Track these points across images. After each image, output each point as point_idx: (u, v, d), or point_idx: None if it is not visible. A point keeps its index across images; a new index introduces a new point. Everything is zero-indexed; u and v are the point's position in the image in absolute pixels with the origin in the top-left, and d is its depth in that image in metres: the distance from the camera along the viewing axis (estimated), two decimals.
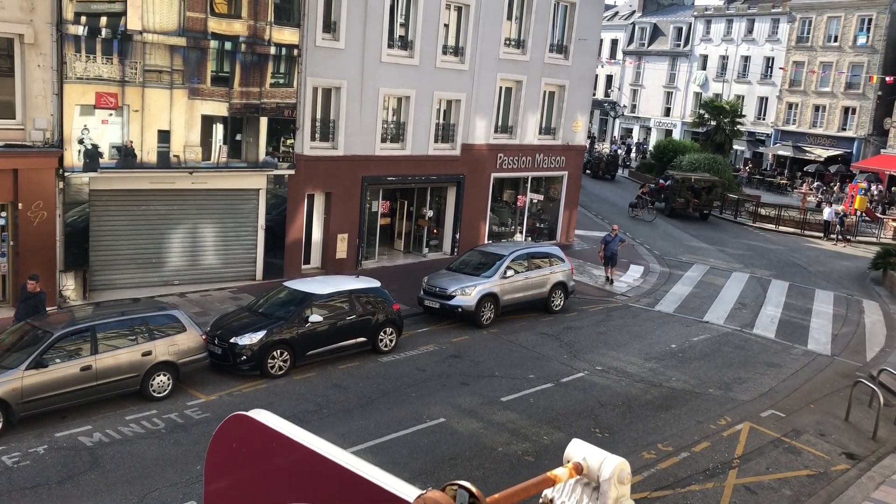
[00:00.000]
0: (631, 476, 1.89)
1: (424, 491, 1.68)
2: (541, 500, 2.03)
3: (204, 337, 15.62)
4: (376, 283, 18.50)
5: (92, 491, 11.53)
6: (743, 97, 59.47)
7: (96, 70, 18.45)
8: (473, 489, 1.75)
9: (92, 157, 18.78)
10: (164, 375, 14.72)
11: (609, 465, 1.95)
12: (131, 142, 19.16)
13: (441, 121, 26.28)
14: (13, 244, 18.19)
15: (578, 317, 22.08)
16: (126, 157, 19.22)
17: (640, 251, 31.24)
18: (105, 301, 17.66)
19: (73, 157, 18.53)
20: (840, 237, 36.66)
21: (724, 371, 18.56)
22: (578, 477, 2.00)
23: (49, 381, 13.27)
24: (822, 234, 37.24)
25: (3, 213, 18.11)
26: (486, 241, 27.49)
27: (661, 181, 41.10)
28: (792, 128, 57.03)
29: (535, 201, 30.62)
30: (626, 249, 28.48)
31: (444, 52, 25.55)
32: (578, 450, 2.01)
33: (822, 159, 54.29)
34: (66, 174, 18.59)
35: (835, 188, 50.59)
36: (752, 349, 20.40)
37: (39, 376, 13.16)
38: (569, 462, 1.98)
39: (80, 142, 18.56)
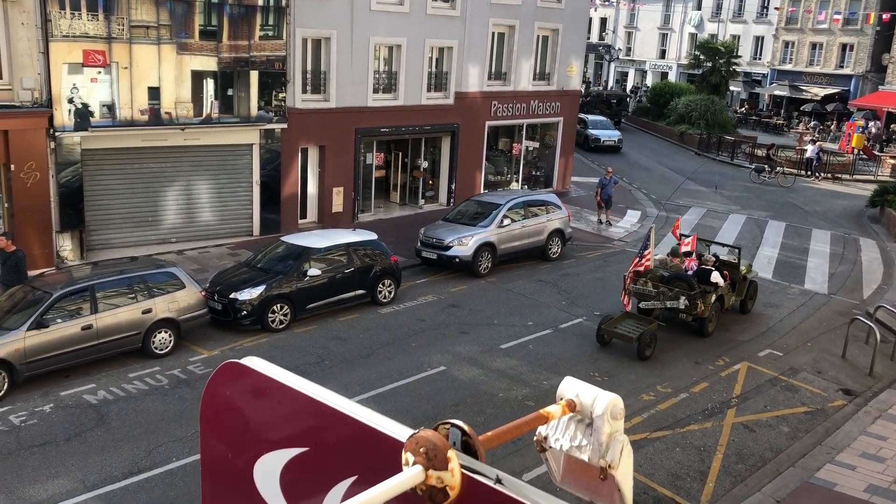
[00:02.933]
0: (624, 412, 1.91)
1: (417, 431, 1.69)
2: (535, 438, 2.04)
3: (203, 293, 15.68)
4: (373, 236, 18.50)
5: (99, 447, 11.69)
6: (739, 37, 58.70)
7: (82, 27, 18.14)
8: (466, 427, 1.76)
9: (83, 117, 18.59)
10: (166, 332, 14.81)
11: (602, 401, 1.96)
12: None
13: (433, 69, 25.96)
14: (7, 206, 18.12)
15: (576, 263, 22.13)
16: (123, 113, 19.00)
17: (637, 196, 31.18)
18: (103, 260, 17.67)
19: (64, 116, 18.34)
20: (817, 173, 36.87)
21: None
22: (571, 414, 2.01)
23: (51, 340, 13.34)
24: (802, 173, 37.30)
25: None
26: (481, 191, 27.39)
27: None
28: (788, 67, 56.43)
29: (530, 149, 30.45)
30: (622, 194, 28.46)
31: None
32: (571, 387, 2.02)
33: (819, 98, 53.86)
34: (56, 134, 18.42)
35: (832, 127, 50.30)
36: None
37: (41, 336, 13.23)
38: (561, 399, 1.99)
39: (70, 101, 18.35)
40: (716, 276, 16.85)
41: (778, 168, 36.49)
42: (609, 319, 16.14)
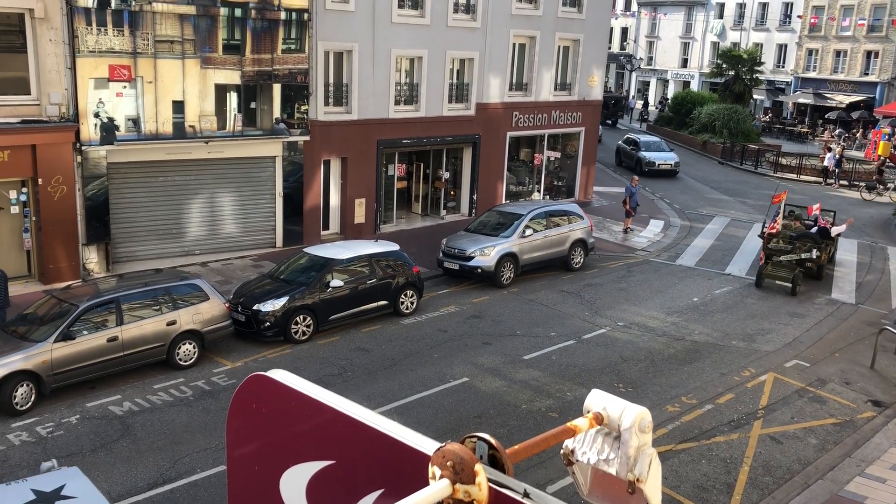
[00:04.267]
0: (652, 425, 1.88)
1: (444, 444, 1.68)
2: (561, 451, 2.02)
3: (227, 305, 15.78)
4: (395, 247, 18.54)
5: (125, 458, 11.77)
6: (761, 45, 58.25)
7: (108, 42, 18.41)
8: (493, 440, 1.75)
9: (108, 130, 18.84)
10: (190, 344, 14.91)
11: (630, 414, 1.94)
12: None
13: (454, 81, 26.04)
14: (35, 219, 18.38)
15: (599, 273, 22.02)
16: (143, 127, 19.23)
17: (661, 206, 31.00)
18: (128, 273, 17.86)
19: (90, 130, 18.60)
20: (836, 180, 36.44)
21: (748, 322, 18.49)
22: (599, 427, 1.99)
23: (77, 352, 13.48)
24: (821, 180, 36.96)
25: (25, 189, 18.27)
26: (503, 201, 27.37)
27: None
28: (812, 74, 55.92)
29: (552, 159, 30.39)
30: (644, 203, 28.42)
31: (456, 10, 25.22)
32: (598, 400, 2.00)
33: (843, 106, 53.30)
34: (83, 148, 18.68)
35: (857, 135, 49.72)
36: (775, 300, 20.28)
37: (68, 348, 13.37)
38: (589, 412, 1.97)
39: (96, 115, 18.60)
40: (835, 230, 22.28)
41: (889, 184, 35.42)
42: (763, 269, 20.84)
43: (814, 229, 22.21)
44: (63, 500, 8.05)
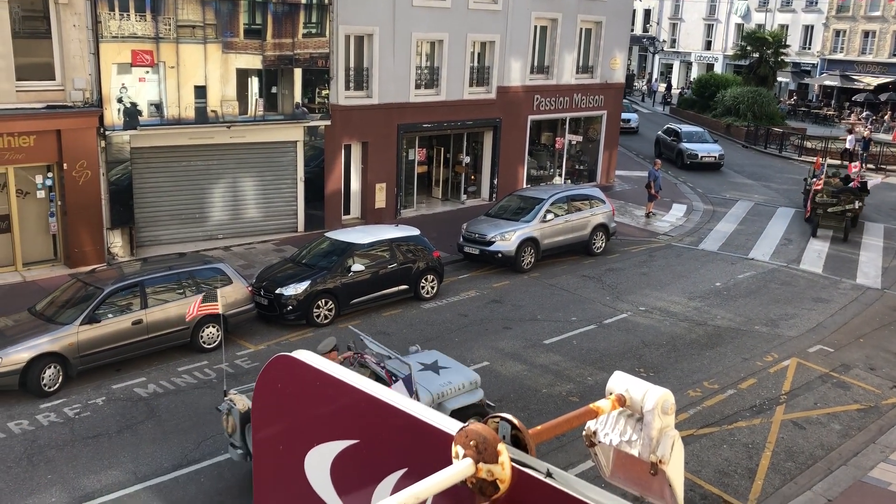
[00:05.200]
0: (675, 407, 1.88)
1: (467, 424, 1.70)
2: (584, 433, 2.03)
3: (250, 289, 15.90)
4: (416, 231, 18.56)
5: (150, 439, 11.95)
6: (787, 27, 57.42)
7: (130, 28, 18.52)
8: (515, 421, 1.76)
9: (131, 115, 18.98)
10: (213, 327, 15.05)
11: (652, 396, 1.94)
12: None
13: (475, 64, 25.92)
14: (61, 204, 18.59)
15: (620, 258, 21.92)
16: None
17: (683, 189, 30.76)
18: (152, 256, 18.02)
19: (113, 115, 18.75)
20: (863, 163, 35.84)
21: (771, 307, 18.35)
22: (621, 409, 2.00)
23: (103, 335, 13.67)
24: (844, 162, 36.39)
25: (50, 174, 18.48)
26: (524, 186, 27.28)
27: None
28: (839, 56, 55.04)
29: (573, 143, 30.22)
30: (667, 187, 28.24)
31: None
32: (621, 382, 2.01)
33: (871, 88, 52.44)
34: (107, 133, 18.84)
35: (885, 117, 48.94)
36: (799, 285, 20.10)
37: (93, 331, 13.56)
38: (611, 394, 1.98)
39: (119, 100, 18.75)
40: (871, 183, 26.37)
41: None
42: (818, 220, 24.38)
43: (852, 183, 25.49)
44: (441, 368, 11.99)
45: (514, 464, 1.66)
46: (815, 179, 25.42)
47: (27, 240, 18.48)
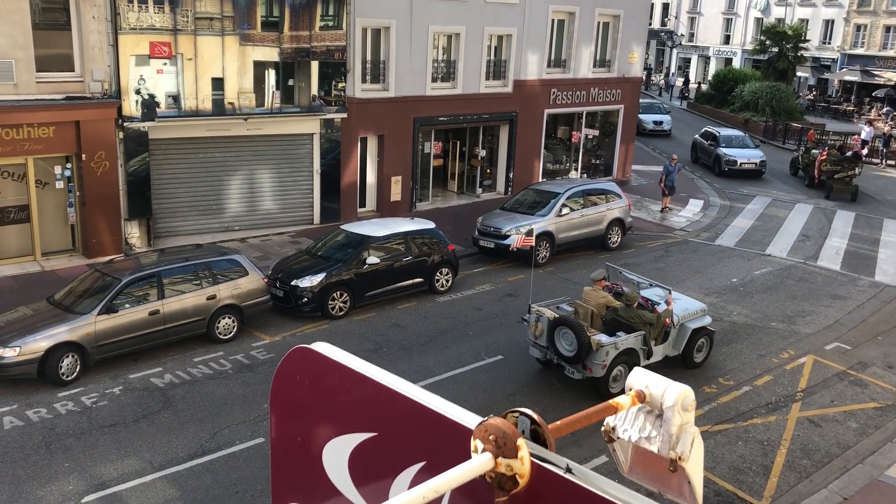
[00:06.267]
0: (695, 403, 1.87)
1: (486, 418, 1.69)
2: (603, 428, 2.02)
3: (266, 280, 15.97)
4: (431, 225, 18.56)
5: (166, 429, 12.04)
6: (807, 21, 56.79)
7: (149, 19, 18.60)
8: (535, 416, 1.75)
9: (149, 107, 19.08)
10: (229, 318, 15.13)
11: (672, 392, 1.93)
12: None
13: (492, 57, 25.84)
14: (79, 194, 18.73)
15: (636, 253, 21.83)
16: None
17: (700, 185, 30.57)
18: (169, 247, 18.14)
19: (132, 107, 18.85)
20: (883, 160, 35.52)
21: (787, 304, 18.23)
22: (641, 405, 1.99)
23: (120, 325, 13.77)
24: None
25: (69, 165, 18.61)
26: (540, 180, 27.20)
27: None
28: (860, 51, 54.42)
29: (590, 137, 30.08)
30: (684, 183, 28.02)
31: None
32: (641, 378, 1.99)
33: (892, 83, 51.83)
34: (125, 124, 18.95)
35: None
36: (817, 282, 19.95)
37: (111, 321, 13.67)
38: (631, 390, 1.96)
39: (137, 92, 18.84)
40: (864, 152, 31.69)
41: None
42: (831, 186, 28.64)
43: (849, 153, 30.33)
44: (675, 300, 14.43)
45: (533, 459, 1.66)
46: (818, 152, 30.32)
47: (46, 230, 18.64)
